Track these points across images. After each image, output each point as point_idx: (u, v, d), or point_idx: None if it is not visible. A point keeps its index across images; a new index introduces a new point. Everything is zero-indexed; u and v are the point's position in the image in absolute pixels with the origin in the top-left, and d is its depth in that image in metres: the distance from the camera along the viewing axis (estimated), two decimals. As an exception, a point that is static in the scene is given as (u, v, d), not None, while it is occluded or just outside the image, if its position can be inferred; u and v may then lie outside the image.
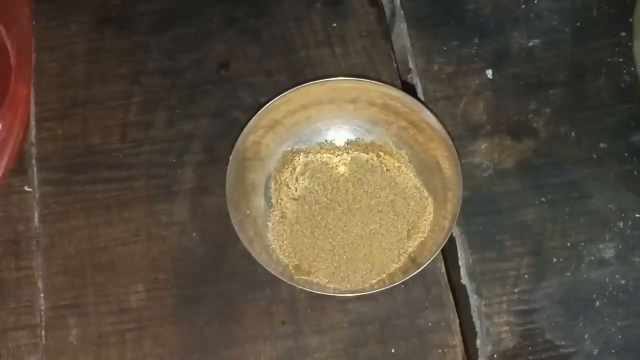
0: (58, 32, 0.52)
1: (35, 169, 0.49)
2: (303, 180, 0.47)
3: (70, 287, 0.46)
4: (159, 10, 0.53)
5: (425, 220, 0.46)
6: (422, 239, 0.46)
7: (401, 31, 0.52)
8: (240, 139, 0.45)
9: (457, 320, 0.45)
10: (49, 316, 0.46)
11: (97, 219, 0.48)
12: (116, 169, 0.49)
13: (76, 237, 0.47)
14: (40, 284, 0.46)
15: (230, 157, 0.44)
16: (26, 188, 0.48)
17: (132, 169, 0.49)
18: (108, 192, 0.48)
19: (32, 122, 0.50)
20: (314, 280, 0.45)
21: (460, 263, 0.47)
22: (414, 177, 0.47)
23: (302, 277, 0.45)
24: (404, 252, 0.46)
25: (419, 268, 0.42)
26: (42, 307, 0.46)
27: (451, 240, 0.47)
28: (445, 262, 0.46)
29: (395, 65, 0.51)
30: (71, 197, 0.48)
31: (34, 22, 0.52)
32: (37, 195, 0.48)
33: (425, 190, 0.47)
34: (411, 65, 0.51)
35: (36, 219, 0.48)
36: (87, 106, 0.50)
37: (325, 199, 0.47)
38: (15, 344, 0.45)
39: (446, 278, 0.46)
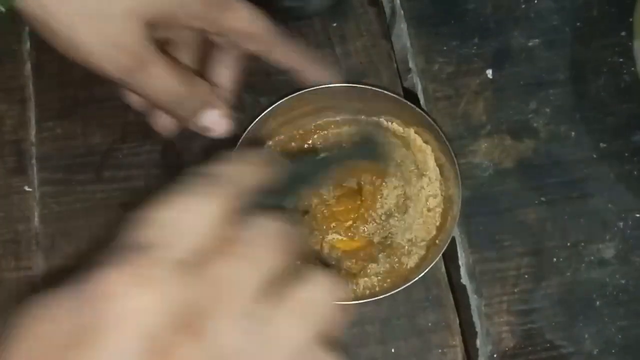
0: (58, 32, 0.52)
1: (35, 169, 0.49)
2: None
3: (70, 287, 0.46)
4: (159, 10, 0.53)
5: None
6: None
7: (401, 31, 0.52)
8: (242, 138, 0.45)
9: (457, 320, 0.45)
10: (49, 316, 0.46)
11: (97, 219, 0.48)
12: (116, 169, 0.49)
13: (76, 237, 0.47)
14: (40, 284, 0.46)
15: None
16: (26, 188, 0.48)
17: (132, 169, 0.49)
18: (108, 192, 0.48)
19: (32, 122, 0.50)
20: None
21: (460, 263, 0.47)
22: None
23: None
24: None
25: (419, 273, 0.42)
26: (42, 307, 0.46)
27: (451, 240, 0.46)
28: (445, 262, 0.46)
29: (395, 65, 0.51)
30: (71, 197, 0.48)
31: (34, 22, 0.52)
32: (37, 195, 0.48)
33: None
34: (411, 65, 0.51)
35: (36, 219, 0.48)
36: (87, 106, 0.50)
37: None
38: (16, 344, 0.45)
39: (446, 278, 0.46)
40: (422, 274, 0.42)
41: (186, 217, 0.24)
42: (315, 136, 0.48)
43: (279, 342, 0.23)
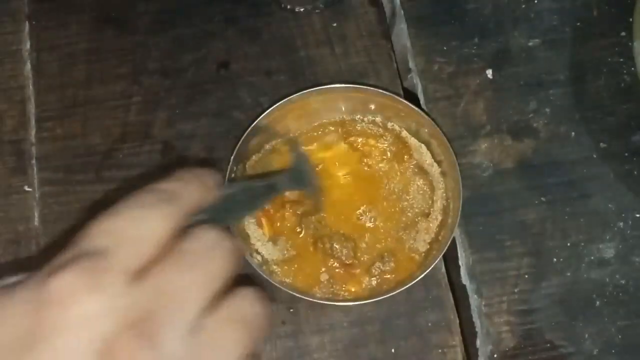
0: (58, 32, 0.52)
1: (35, 169, 0.49)
2: None
3: (70, 287, 0.46)
4: (159, 10, 0.53)
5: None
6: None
7: (401, 31, 0.52)
8: (241, 142, 0.44)
9: (457, 320, 0.45)
10: (49, 316, 0.45)
11: (97, 219, 0.47)
12: (116, 169, 0.49)
13: (76, 237, 0.47)
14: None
15: (232, 158, 0.44)
16: (26, 188, 0.48)
17: (132, 169, 0.49)
18: (108, 192, 0.48)
19: (32, 122, 0.50)
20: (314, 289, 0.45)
21: (460, 263, 0.47)
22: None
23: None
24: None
25: (422, 272, 0.42)
26: (42, 307, 0.46)
27: (451, 240, 0.46)
28: (445, 262, 0.46)
29: (395, 65, 0.51)
30: (71, 197, 0.48)
31: (33, 22, 0.52)
32: (37, 195, 0.48)
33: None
34: (411, 65, 0.51)
35: (36, 219, 0.48)
36: (87, 106, 0.50)
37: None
38: (15, 344, 0.45)
39: (446, 278, 0.46)
40: (428, 270, 0.42)
41: (135, 227, 0.25)
42: (315, 135, 0.48)
43: (217, 354, 0.25)
